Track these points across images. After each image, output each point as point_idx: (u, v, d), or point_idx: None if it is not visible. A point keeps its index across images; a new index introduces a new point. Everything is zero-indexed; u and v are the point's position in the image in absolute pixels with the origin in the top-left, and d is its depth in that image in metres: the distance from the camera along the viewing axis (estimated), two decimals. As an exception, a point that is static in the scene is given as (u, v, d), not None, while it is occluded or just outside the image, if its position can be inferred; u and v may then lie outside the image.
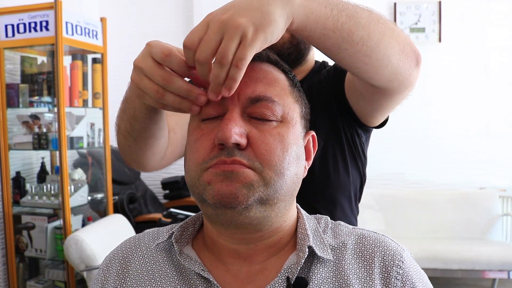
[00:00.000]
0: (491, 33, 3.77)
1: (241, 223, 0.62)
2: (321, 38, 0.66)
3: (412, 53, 0.77)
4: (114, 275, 0.72)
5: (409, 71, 0.79)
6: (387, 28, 0.71)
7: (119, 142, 0.88)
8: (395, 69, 0.76)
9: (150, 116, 0.75)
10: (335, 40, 0.67)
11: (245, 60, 0.56)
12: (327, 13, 0.64)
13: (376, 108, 0.99)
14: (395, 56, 0.74)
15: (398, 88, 0.83)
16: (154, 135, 0.83)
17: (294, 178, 0.65)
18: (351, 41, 0.67)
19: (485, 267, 3.15)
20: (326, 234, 0.71)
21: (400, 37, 0.74)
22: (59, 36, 2.61)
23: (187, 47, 0.58)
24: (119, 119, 0.82)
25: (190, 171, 0.64)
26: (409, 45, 0.76)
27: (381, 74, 0.76)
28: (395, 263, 0.66)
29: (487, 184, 3.79)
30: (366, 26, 0.68)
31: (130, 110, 0.75)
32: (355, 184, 1.16)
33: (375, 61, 0.72)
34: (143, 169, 0.96)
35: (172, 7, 4.11)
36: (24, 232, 2.80)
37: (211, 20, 0.57)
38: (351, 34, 0.67)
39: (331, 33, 0.66)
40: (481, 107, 3.81)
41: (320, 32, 0.65)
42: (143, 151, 0.86)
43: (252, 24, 0.55)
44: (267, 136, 0.62)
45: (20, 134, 2.82)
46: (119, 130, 0.84)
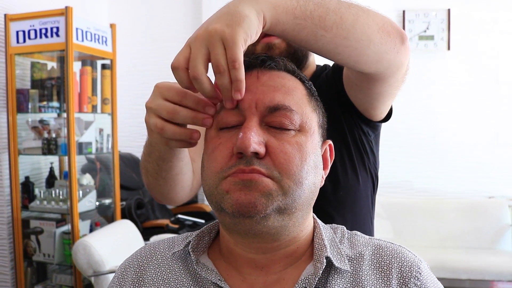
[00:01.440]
0: (500, 41, 3.75)
1: (259, 232, 0.62)
2: (296, 28, 0.68)
3: (394, 30, 0.77)
4: (129, 283, 0.72)
5: (395, 49, 0.79)
6: (360, 10, 0.73)
7: (148, 183, 0.93)
8: (378, 49, 0.76)
9: (175, 154, 0.81)
10: (309, 28, 0.68)
11: (237, 59, 0.58)
12: (293, 4, 0.66)
13: (375, 97, 0.98)
14: (375, 35, 0.74)
15: (389, 69, 0.83)
16: (181, 171, 0.89)
17: (312, 187, 0.65)
18: (324, 26, 0.69)
19: (494, 277, 3.11)
20: (343, 244, 0.70)
21: (377, 17, 0.75)
22: (69, 42, 2.63)
23: (175, 67, 0.61)
24: (145, 163, 0.88)
25: (208, 179, 0.64)
26: (389, 23, 0.77)
27: (366, 55, 0.77)
28: (412, 274, 0.65)
29: (496, 193, 3.76)
30: (337, 11, 0.70)
31: (156, 152, 0.81)
32: (366, 185, 1.14)
33: (354, 42, 0.73)
34: (174, 203, 1.02)
35: (181, 13, 4.12)
36: (33, 236, 2.81)
37: (191, 41, 0.61)
38: (322, 20, 0.68)
39: (303, 21, 0.67)
40: (490, 116, 3.79)
41: (292, 22, 0.67)
42: (173, 187, 0.92)
43: (226, 26, 0.58)
44: (285, 145, 0.62)
45: (29, 139, 2.84)
46: (148, 173, 0.89)
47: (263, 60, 0.67)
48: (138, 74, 4.10)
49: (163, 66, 4.12)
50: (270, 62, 0.68)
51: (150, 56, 4.09)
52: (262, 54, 0.69)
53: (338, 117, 1.10)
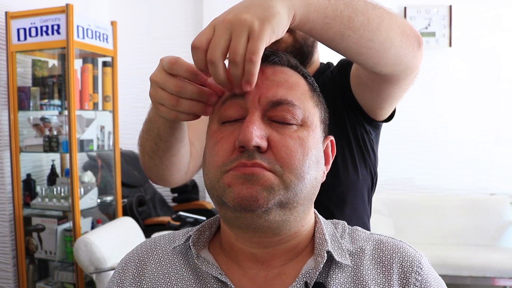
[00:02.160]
0: (502, 37, 3.74)
1: (260, 227, 0.62)
2: (324, 27, 0.68)
3: (412, 34, 0.78)
4: (130, 278, 0.72)
5: (413, 53, 0.80)
6: (384, 13, 0.73)
7: (144, 162, 0.92)
8: (398, 52, 0.77)
9: (173, 133, 0.79)
10: (337, 28, 0.68)
11: (257, 53, 0.57)
12: (325, 2, 0.66)
13: (384, 98, 0.99)
14: (396, 38, 0.75)
15: (404, 72, 0.85)
16: (178, 152, 0.87)
17: (314, 182, 0.65)
18: (352, 27, 0.69)
19: (495, 274, 3.11)
20: (344, 239, 0.70)
21: (398, 20, 0.76)
22: (70, 40, 2.64)
23: (195, 47, 0.59)
24: (143, 140, 0.87)
25: (209, 173, 0.64)
26: (408, 27, 0.78)
27: (386, 58, 0.78)
28: (413, 269, 0.65)
29: (497, 190, 3.75)
30: (365, 12, 0.70)
31: (154, 130, 0.80)
32: (366, 183, 1.15)
33: (378, 44, 0.73)
34: (169, 184, 1.00)
35: (182, 11, 4.12)
36: (34, 234, 2.82)
37: (216, 22, 0.59)
38: (351, 21, 0.69)
39: (333, 21, 0.67)
40: (492, 112, 3.78)
41: (322, 21, 0.67)
42: (169, 168, 0.90)
43: (256, 18, 0.57)
44: (287, 139, 0.62)
45: (31, 137, 2.84)
46: (144, 150, 0.88)
47: (267, 55, 0.67)
48: (139, 72, 4.09)
49: (164, 63, 4.12)
50: (273, 57, 0.68)
51: (151, 53, 4.09)
52: (266, 49, 0.69)
53: (341, 114, 1.11)
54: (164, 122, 0.76)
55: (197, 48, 0.59)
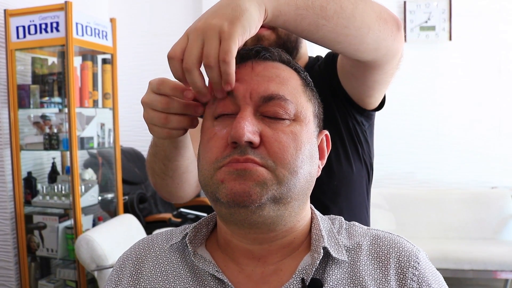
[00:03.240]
0: (503, 30, 3.72)
1: (254, 222, 0.62)
2: (297, 19, 0.68)
3: (390, 18, 0.79)
4: (127, 275, 0.72)
5: (392, 36, 0.81)
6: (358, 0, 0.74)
7: (155, 183, 0.94)
8: (377, 36, 0.78)
9: (180, 153, 0.82)
10: (311, 18, 0.69)
11: (229, 52, 0.57)
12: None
13: (371, 85, 0.99)
14: (373, 23, 0.76)
15: (386, 56, 0.85)
16: (187, 169, 0.89)
17: (308, 176, 0.64)
18: (326, 16, 0.70)
19: (497, 267, 3.11)
20: (341, 235, 0.70)
21: (374, 5, 0.77)
22: (69, 37, 2.63)
23: (171, 57, 0.61)
24: (151, 163, 0.89)
25: (203, 170, 0.64)
26: (385, 11, 0.79)
27: (365, 44, 0.78)
28: (410, 264, 0.65)
29: (499, 183, 3.75)
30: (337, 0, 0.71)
31: (161, 152, 0.83)
32: (360, 175, 1.15)
33: (354, 31, 0.74)
34: (182, 200, 1.03)
35: (182, 7, 4.11)
36: (36, 231, 2.82)
37: (189, 31, 0.61)
38: (323, 9, 0.69)
39: (305, 12, 0.68)
40: (493, 106, 3.77)
41: (294, 13, 0.67)
42: (180, 185, 0.93)
43: (225, 20, 0.58)
44: (280, 134, 0.62)
45: (31, 135, 2.84)
46: (154, 173, 0.90)
47: (258, 51, 0.67)
48: (139, 69, 4.09)
49: (163, 60, 4.08)
50: (264, 52, 0.67)
51: (151, 50, 4.08)
52: (256, 45, 0.68)
53: (331, 107, 1.10)
54: (169, 143, 0.79)
55: (172, 58, 0.61)
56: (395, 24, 0.80)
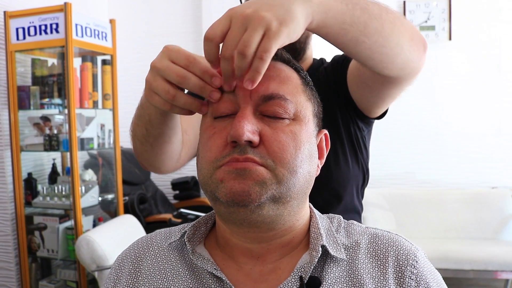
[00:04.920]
0: (503, 30, 3.72)
1: (254, 221, 0.62)
2: (340, 33, 0.68)
3: (419, 39, 0.80)
4: (126, 274, 0.72)
5: (419, 57, 0.81)
6: (395, 17, 0.73)
7: (135, 147, 0.89)
8: (407, 57, 0.78)
9: (165, 121, 0.77)
10: (353, 34, 0.68)
11: (269, 52, 0.56)
12: (343, 8, 0.65)
13: (383, 97, 1.00)
14: (406, 44, 0.76)
15: (409, 75, 0.86)
16: (169, 140, 0.85)
17: (307, 176, 0.64)
18: (367, 33, 0.69)
19: (497, 267, 3.11)
20: (339, 234, 0.70)
21: (408, 25, 0.77)
22: (69, 38, 2.64)
23: (209, 39, 0.58)
24: (134, 125, 0.84)
25: (202, 169, 0.64)
26: (416, 32, 0.79)
27: (395, 63, 0.78)
28: (409, 262, 0.65)
29: (499, 183, 3.75)
30: (379, 17, 0.70)
31: (146, 116, 0.77)
32: (357, 179, 1.16)
33: (389, 50, 0.74)
34: (159, 171, 0.98)
35: (181, 8, 4.12)
36: (36, 232, 2.83)
37: (233, 14, 0.57)
38: (366, 27, 0.68)
39: (349, 27, 0.67)
40: (492, 106, 3.77)
41: (338, 27, 0.66)
42: (159, 155, 0.88)
43: (276, 19, 0.56)
44: (279, 133, 0.62)
45: (31, 136, 2.85)
46: (135, 136, 0.86)
47: None
48: (139, 69, 4.09)
49: (163, 61, 4.11)
50: None
51: (150, 51, 4.07)
52: None
53: (334, 111, 1.11)
54: (155, 108, 0.73)
55: (210, 40, 0.58)
56: (422, 45, 0.81)
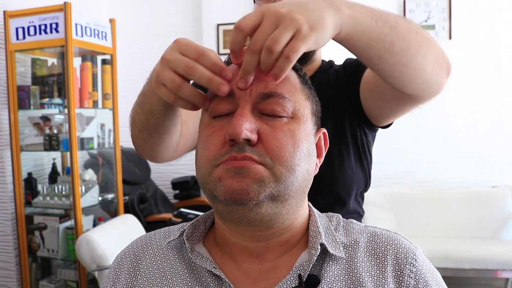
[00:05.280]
0: (503, 29, 3.72)
1: (252, 220, 0.62)
2: (365, 48, 0.69)
3: (444, 63, 0.80)
4: (125, 273, 0.72)
5: (441, 80, 0.82)
6: (424, 39, 0.73)
7: (133, 134, 0.89)
8: (428, 79, 0.79)
9: (166, 112, 0.77)
10: (378, 50, 0.69)
11: (296, 52, 0.56)
12: (372, 24, 0.66)
13: (396, 111, 1.00)
14: (430, 66, 0.76)
15: (428, 95, 0.86)
16: (168, 131, 0.85)
17: (305, 174, 0.64)
18: (392, 52, 0.70)
19: (497, 266, 3.11)
20: (338, 232, 0.70)
21: (435, 48, 0.76)
22: (68, 38, 2.63)
23: (240, 28, 0.58)
24: (134, 113, 0.84)
25: (201, 168, 0.64)
26: (442, 55, 0.79)
27: (416, 83, 0.79)
28: (408, 261, 0.65)
29: (499, 182, 3.74)
30: (407, 37, 0.70)
31: (147, 105, 0.77)
32: (359, 184, 1.16)
33: (412, 70, 0.75)
34: (155, 160, 0.98)
35: (181, 7, 4.12)
36: (36, 232, 2.83)
37: (266, 11, 0.58)
38: (392, 45, 0.69)
39: (375, 43, 0.68)
40: (493, 105, 3.77)
41: (364, 42, 0.68)
42: (157, 145, 0.88)
43: (307, 22, 0.57)
44: (278, 132, 0.62)
45: (31, 136, 2.85)
46: (134, 123, 0.86)
47: None
48: (139, 69, 4.09)
49: (163, 60, 4.12)
50: None
51: (151, 50, 4.09)
52: None
53: (342, 115, 1.11)
54: (158, 98, 0.73)
55: (240, 29, 0.58)
56: (446, 70, 0.81)
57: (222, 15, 3.89)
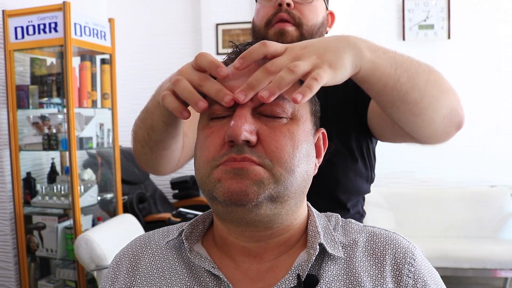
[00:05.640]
0: (501, 29, 3.72)
1: (251, 221, 0.62)
2: (380, 92, 0.71)
3: (456, 117, 0.80)
4: (124, 272, 0.72)
5: (449, 132, 0.83)
6: (440, 91, 0.75)
7: (135, 149, 0.91)
8: (437, 131, 0.81)
9: (166, 129, 0.78)
10: (391, 97, 0.71)
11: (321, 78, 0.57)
12: (391, 72, 0.67)
13: (400, 140, 1.01)
14: (439, 119, 0.78)
15: (433, 143, 0.88)
16: (169, 148, 0.87)
17: (305, 175, 0.64)
18: (405, 101, 0.72)
19: (496, 266, 3.11)
20: (337, 232, 0.70)
21: (450, 101, 0.77)
22: (67, 37, 2.63)
23: (265, 44, 0.60)
24: (137, 128, 0.86)
25: (200, 169, 0.64)
26: (455, 108, 0.79)
27: (423, 132, 0.81)
28: (406, 260, 0.65)
29: (498, 182, 3.75)
30: (422, 89, 0.71)
31: (149, 121, 0.79)
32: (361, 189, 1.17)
33: (420, 121, 0.77)
34: (157, 173, 1.01)
35: (180, 7, 4.11)
36: (35, 232, 2.82)
37: (290, 47, 0.61)
38: (406, 95, 0.71)
39: (390, 90, 0.70)
40: (492, 104, 3.77)
41: (380, 87, 0.69)
42: (158, 160, 0.90)
43: (325, 62, 0.60)
44: (277, 133, 0.62)
45: (30, 135, 2.84)
46: (136, 138, 0.88)
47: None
48: (138, 69, 4.10)
49: (162, 60, 4.12)
50: None
51: (150, 50, 4.09)
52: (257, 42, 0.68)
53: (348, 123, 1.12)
54: (159, 115, 0.75)
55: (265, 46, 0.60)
56: (456, 124, 0.81)
57: (221, 15, 3.89)
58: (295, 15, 1.08)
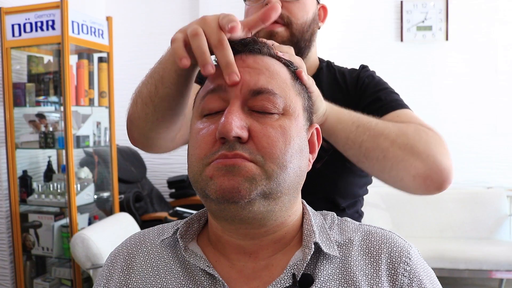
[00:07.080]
0: (499, 30, 3.73)
1: (245, 218, 0.61)
2: (344, 147, 0.79)
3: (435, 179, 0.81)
4: (119, 271, 0.71)
5: (426, 191, 0.83)
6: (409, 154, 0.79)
7: (135, 111, 0.84)
8: (408, 187, 0.83)
9: (178, 81, 0.74)
10: (354, 151, 0.79)
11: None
12: (352, 129, 0.76)
13: None
14: (409, 179, 0.80)
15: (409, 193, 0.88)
16: (174, 108, 0.80)
17: (298, 171, 0.64)
18: (368, 157, 0.79)
19: (492, 267, 3.12)
20: (332, 231, 0.70)
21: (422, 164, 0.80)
22: (65, 35, 2.62)
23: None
24: (142, 85, 0.82)
25: (192, 166, 0.64)
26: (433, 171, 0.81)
27: (394, 186, 0.86)
28: (402, 259, 0.65)
29: (494, 183, 3.76)
30: (385, 150, 0.76)
31: (160, 71, 0.75)
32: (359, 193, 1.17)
33: (387, 177, 0.83)
34: (150, 148, 0.93)
35: (178, 5, 4.11)
36: (31, 230, 2.81)
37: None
38: (368, 152, 0.77)
39: (352, 145, 0.78)
40: (489, 106, 3.78)
41: (343, 142, 0.78)
42: (157, 123, 0.83)
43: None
44: (268, 129, 0.62)
45: (27, 133, 2.83)
46: (140, 96, 0.82)
47: (247, 42, 0.67)
48: (135, 67, 4.07)
49: (160, 59, 4.11)
50: (253, 45, 0.67)
51: (147, 48, 4.08)
52: (247, 38, 0.68)
53: None
54: (172, 66, 0.72)
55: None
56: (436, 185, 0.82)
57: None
58: (284, 15, 1.04)
